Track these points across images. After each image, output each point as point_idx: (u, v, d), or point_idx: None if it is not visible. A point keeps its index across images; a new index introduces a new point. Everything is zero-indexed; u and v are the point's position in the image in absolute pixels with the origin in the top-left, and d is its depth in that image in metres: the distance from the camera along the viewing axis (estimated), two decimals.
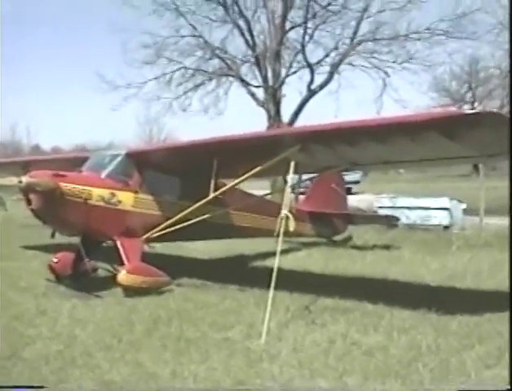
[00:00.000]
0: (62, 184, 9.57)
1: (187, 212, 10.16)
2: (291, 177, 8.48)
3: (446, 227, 17.27)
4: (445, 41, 25.03)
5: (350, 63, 26.43)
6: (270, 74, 25.94)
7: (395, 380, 5.86)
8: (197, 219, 10.20)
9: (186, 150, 10.10)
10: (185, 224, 10.23)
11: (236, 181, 9.52)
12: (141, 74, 33.63)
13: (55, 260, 10.92)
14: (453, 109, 33.03)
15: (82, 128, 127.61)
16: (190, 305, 8.94)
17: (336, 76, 26.87)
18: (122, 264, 9.98)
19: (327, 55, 26.51)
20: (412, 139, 7.69)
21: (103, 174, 10.37)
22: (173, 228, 10.29)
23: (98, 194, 10.01)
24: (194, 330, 7.64)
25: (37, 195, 9.41)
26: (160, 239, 10.61)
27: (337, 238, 15.18)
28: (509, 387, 4.73)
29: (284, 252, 14.19)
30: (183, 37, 27.07)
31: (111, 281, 10.46)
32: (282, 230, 7.98)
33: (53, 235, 10.54)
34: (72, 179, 9.77)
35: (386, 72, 26.35)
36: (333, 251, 14.08)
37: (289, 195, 8.29)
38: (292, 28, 26.15)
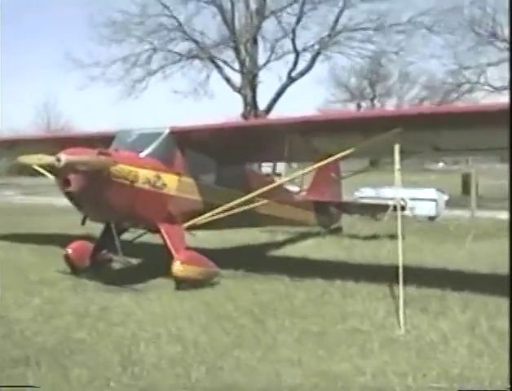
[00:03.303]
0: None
1: (244, 199, 9.24)
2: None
3: (431, 218, 17.42)
4: (427, 34, 25.49)
5: (340, 52, 26.26)
6: (247, 59, 25.00)
7: None
8: (247, 207, 9.36)
9: (253, 130, 9.13)
10: (233, 211, 9.30)
11: (320, 163, 8.68)
12: (109, 53, 31.48)
13: (70, 250, 9.63)
14: None
15: None
16: (266, 297, 8.11)
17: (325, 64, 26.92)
18: (170, 253, 8.87)
19: (319, 42, 25.99)
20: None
21: (144, 154, 9.14)
22: (220, 215, 9.32)
23: (144, 176, 8.80)
24: (308, 323, 6.87)
25: (80, 175, 8.05)
26: (202, 226, 9.58)
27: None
28: (509, 387, 4.57)
29: (288, 241, 13.73)
30: (150, 16, 25.40)
31: (132, 273, 9.46)
32: (399, 216, 7.49)
33: (84, 222, 9.13)
34: (118, 158, 8.49)
35: (379, 63, 26.46)
36: (337, 240, 13.66)
37: (399, 180, 7.70)
38: (272, 12, 25.42)
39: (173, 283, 8.71)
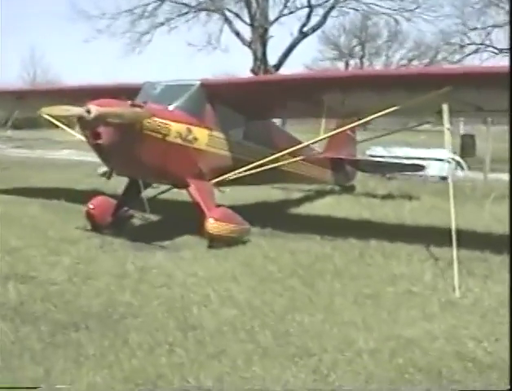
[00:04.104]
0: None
1: (274, 157, 8.94)
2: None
3: (443, 178, 17.11)
4: None
5: (354, 8, 25.35)
6: (258, 13, 24.01)
7: None
8: (278, 164, 9.19)
9: (290, 84, 8.66)
10: (264, 168, 9.00)
11: (361, 121, 8.27)
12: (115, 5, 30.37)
13: (92, 206, 9.22)
14: None
15: None
16: (305, 257, 7.80)
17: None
18: (200, 210, 8.52)
19: None
20: None
21: (173, 106, 8.67)
22: (250, 172, 9.00)
23: (176, 129, 8.35)
24: (358, 285, 6.62)
25: (112, 128, 7.60)
26: (229, 183, 9.24)
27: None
28: (509, 387, 4.45)
29: (305, 199, 13.43)
30: None
31: (156, 230, 9.12)
32: (451, 175, 7.17)
33: (109, 177, 8.70)
34: (151, 111, 8.03)
35: (395, 20, 25.76)
36: (355, 199, 13.38)
37: (449, 140, 7.39)
38: None
39: (202, 241, 8.43)
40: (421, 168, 13.78)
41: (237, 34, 25.48)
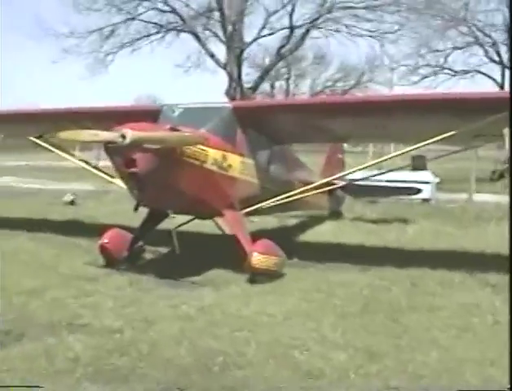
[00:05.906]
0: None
1: (317, 185, 8.82)
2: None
3: (426, 200, 17.11)
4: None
5: (337, 30, 25.20)
6: (235, 34, 23.35)
7: None
8: (308, 194, 8.91)
9: (337, 107, 8.24)
10: (297, 197, 8.69)
11: (415, 146, 7.92)
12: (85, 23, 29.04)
13: (106, 240, 8.41)
14: None
15: None
16: (359, 289, 7.32)
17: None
18: (240, 244, 7.90)
19: (317, 18, 24.65)
20: None
21: (204, 130, 8.00)
22: (279, 201, 8.55)
23: (212, 156, 7.71)
24: (441, 317, 6.27)
25: (149, 154, 6.89)
26: (260, 212, 8.70)
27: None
28: (509, 387, 4.54)
29: (302, 226, 12.93)
30: None
31: (173, 264, 8.37)
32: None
33: (137, 208, 7.84)
34: (203, 135, 7.44)
35: (381, 43, 25.78)
36: (352, 224, 13.03)
37: None
38: None
39: (233, 275, 7.93)
40: (417, 191, 13.65)
41: (212, 56, 24.87)
